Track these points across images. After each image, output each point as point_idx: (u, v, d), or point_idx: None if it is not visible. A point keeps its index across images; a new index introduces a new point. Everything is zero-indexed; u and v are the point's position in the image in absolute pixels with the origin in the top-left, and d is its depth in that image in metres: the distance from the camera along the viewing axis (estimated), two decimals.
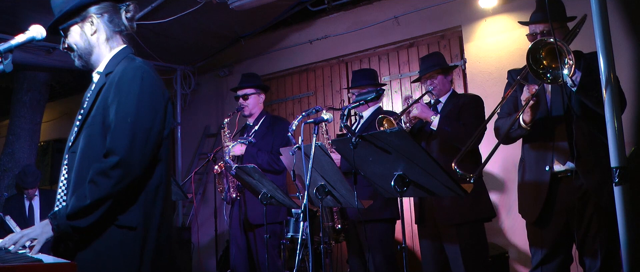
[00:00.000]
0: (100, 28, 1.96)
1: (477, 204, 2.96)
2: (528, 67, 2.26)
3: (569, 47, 2.17)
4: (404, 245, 2.21)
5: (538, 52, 2.26)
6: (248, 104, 4.02)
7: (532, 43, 2.26)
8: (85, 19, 1.94)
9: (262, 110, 4.11)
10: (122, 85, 1.82)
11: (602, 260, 2.41)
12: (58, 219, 1.73)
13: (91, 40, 1.96)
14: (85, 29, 1.95)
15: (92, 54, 1.98)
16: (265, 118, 4.04)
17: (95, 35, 1.96)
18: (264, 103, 4.22)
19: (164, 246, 1.87)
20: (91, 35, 1.95)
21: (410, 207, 4.92)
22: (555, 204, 2.51)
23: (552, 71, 2.23)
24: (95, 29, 1.95)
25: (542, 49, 2.25)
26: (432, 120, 3.00)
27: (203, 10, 4.60)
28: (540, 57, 2.26)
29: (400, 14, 4.94)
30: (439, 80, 3.19)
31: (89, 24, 1.94)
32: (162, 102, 1.88)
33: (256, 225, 3.80)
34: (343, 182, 2.57)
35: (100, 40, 1.96)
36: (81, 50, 1.97)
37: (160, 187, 1.87)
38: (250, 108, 4.03)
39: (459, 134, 2.92)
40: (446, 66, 3.22)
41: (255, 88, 4.05)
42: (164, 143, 1.89)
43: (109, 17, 1.97)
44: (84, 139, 1.85)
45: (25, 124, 6.32)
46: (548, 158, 2.51)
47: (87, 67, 2.02)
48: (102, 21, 1.95)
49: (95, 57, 1.98)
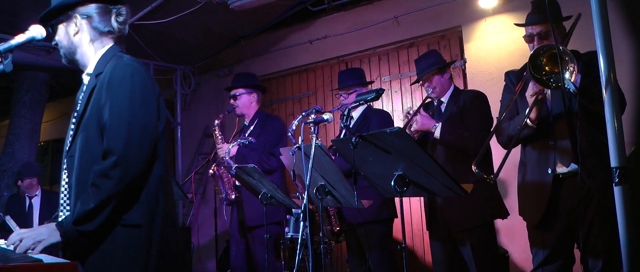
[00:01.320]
0: (83, 29, 1.95)
1: (488, 206, 2.91)
2: (530, 75, 2.25)
3: (569, 52, 2.16)
4: (404, 245, 2.21)
5: (539, 58, 2.25)
6: (239, 104, 3.96)
7: (533, 51, 2.25)
8: (70, 18, 1.94)
9: (257, 110, 4.04)
10: (113, 84, 1.82)
11: (604, 260, 2.40)
12: (65, 227, 1.74)
13: (74, 40, 1.96)
14: (69, 29, 1.95)
15: (76, 54, 1.98)
16: (259, 117, 3.99)
17: (78, 36, 1.96)
18: (264, 103, 4.19)
19: (170, 241, 1.87)
20: (74, 35, 1.95)
21: (410, 207, 4.93)
22: (558, 205, 2.50)
23: (554, 76, 2.22)
24: (78, 30, 1.95)
25: (542, 55, 2.24)
26: (434, 130, 2.95)
27: (203, 10, 4.60)
28: (542, 63, 2.25)
29: (400, 14, 4.94)
30: (436, 81, 3.11)
31: (73, 24, 1.95)
32: (153, 98, 1.88)
33: (254, 226, 3.79)
34: (343, 182, 2.57)
35: (84, 41, 1.96)
36: (64, 49, 1.99)
37: (161, 183, 1.88)
38: (241, 108, 3.98)
39: (462, 140, 2.88)
40: (441, 65, 3.12)
41: (246, 88, 3.97)
42: (161, 138, 1.89)
43: (97, 19, 1.95)
44: (80, 142, 1.85)
45: (25, 124, 6.31)
46: (550, 160, 2.50)
47: (74, 65, 2.03)
48: (86, 22, 1.95)
49: (79, 56, 1.99)
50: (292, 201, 3.22)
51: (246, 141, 3.84)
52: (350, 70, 3.74)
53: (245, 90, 3.97)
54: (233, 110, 4.01)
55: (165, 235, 1.86)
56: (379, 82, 5.26)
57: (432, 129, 2.95)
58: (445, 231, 3.01)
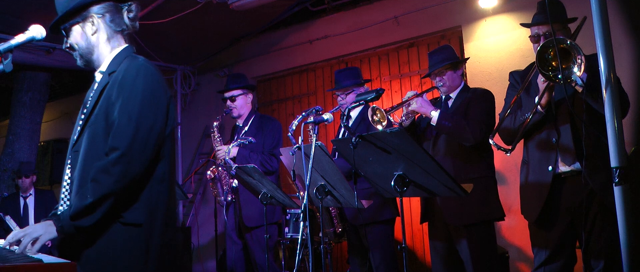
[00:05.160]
0: (100, 28, 1.97)
1: (486, 204, 2.88)
2: (538, 70, 2.24)
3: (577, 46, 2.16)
4: (404, 245, 2.21)
5: (546, 52, 2.24)
6: (236, 105, 3.98)
7: (541, 45, 2.23)
8: (86, 18, 1.95)
9: (251, 110, 4.06)
10: (126, 83, 1.84)
11: (606, 260, 2.40)
12: (62, 221, 1.74)
13: (92, 40, 1.97)
14: (86, 28, 1.96)
15: (93, 54, 1.99)
16: (254, 118, 4.01)
17: (96, 35, 1.97)
18: (264, 103, 4.20)
19: (169, 243, 1.88)
20: (92, 35, 1.96)
21: (410, 207, 4.93)
22: (560, 204, 2.51)
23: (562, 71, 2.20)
24: (96, 29, 1.96)
25: (550, 50, 2.24)
26: (432, 116, 2.90)
27: (203, 10, 4.60)
28: (549, 57, 2.24)
29: (400, 14, 4.94)
30: (448, 77, 3.05)
31: (89, 23, 1.95)
32: (164, 101, 1.90)
33: (251, 227, 3.79)
34: (343, 182, 2.57)
35: (101, 40, 1.98)
36: (82, 50, 1.98)
37: (163, 184, 1.88)
38: (238, 109, 3.99)
39: (459, 128, 2.84)
40: (455, 61, 3.06)
41: (242, 88, 3.99)
42: (167, 141, 1.91)
43: (110, 17, 1.97)
44: (87, 138, 1.86)
45: (25, 124, 6.31)
46: (552, 159, 2.50)
47: (89, 66, 2.03)
48: (103, 21, 1.96)
49: (96, 56, 2.00)
50: (292, 201, 3.22)
51: (246, 140, 3.85)
52: (347, 70, 3.73)
53: (241, 91, 4.00)
54: (230, 112, 4.02)
55: (166, 236, 1.86)
56: (379, 82, 5.26)
57: (430, 115, 2.91)
58: (443, 228, 3.01)
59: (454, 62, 3.05)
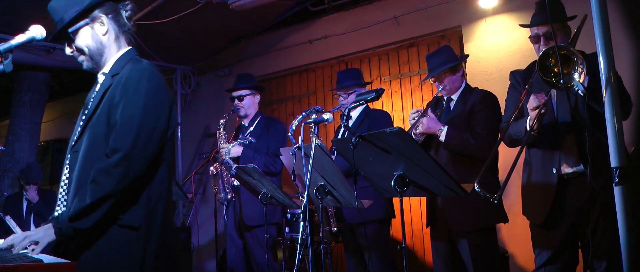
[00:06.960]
0: (110, 28, 1.97)
1: (489, 211, 2.86)
2: (539, 77, 2.23)
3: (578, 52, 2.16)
4: (404, 245, 2.21)
5: (547, 59, 2.23)
6: (244, 104, 4.01)
7: (542, 52, 2.23)
8: (95, 19, 1.95)
9: (257, 111, 4.10)
10: (129, 86, 1.84)
11: (608, 260, 2.40)
12: (60, 223, 1.74)
13: (103, 40, 1.96)
14: (97, 29, 1.95)
15: (103, 55, 1.98)
16: (260, 119, 4.04)
17: (107, 36, 1.97)
18: (264, 103, 4.22)
19: (166, 246, 1.88)
20: (103, 35, 1.96)
21: (410, 207, 4.93)
22: (564, 205, 2.50)
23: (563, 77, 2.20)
24: (107, 29, 1.96)
25: (551, 56, 2.23)
26: (439, 134, 2.92)
27: (203, 10, 4.59)
28: (550, 64, 2.24)
29: (400, 14, 4.94)
30: (447, 81, 3.03)
31: (99, 24, 1.95)
32: (167, 104, 1.91)
33: (251, 226, 3.79)
34: (343, 182, 2.57)
35: (111, 40, 1.98)
36: (93, 52, 1.96)
37: (162, 187, 1.89)
38: (246, 109, 4.03)
39: (468, 147, 2.86)
40: (454, 63, 3.03)
41: (251, 89, 4.03)
42: (167, 144, 1.91)
43: (115, 16, 1.99)
44: (87, 139, 1.86)
45: (25, 124, 6.31)
46: (555, 160, 2.50)
47: (97, 68, 2.01)
48: (110, 21, 1.97)
49: (105, 57, 1.99)
50: (292, 201, 3.22)
51: (246, 140, 3.86)
52: (349, 71, 3.75)
53: (249, 91, 4.03)
54: (237, 111, 4.05)
55: (163, 239, 1.86)
56: (379, 82, 5.26)
57: (438, 133, 2.92)
58: (445, 231, 3.00)
59: (453, 66, 3.03)
